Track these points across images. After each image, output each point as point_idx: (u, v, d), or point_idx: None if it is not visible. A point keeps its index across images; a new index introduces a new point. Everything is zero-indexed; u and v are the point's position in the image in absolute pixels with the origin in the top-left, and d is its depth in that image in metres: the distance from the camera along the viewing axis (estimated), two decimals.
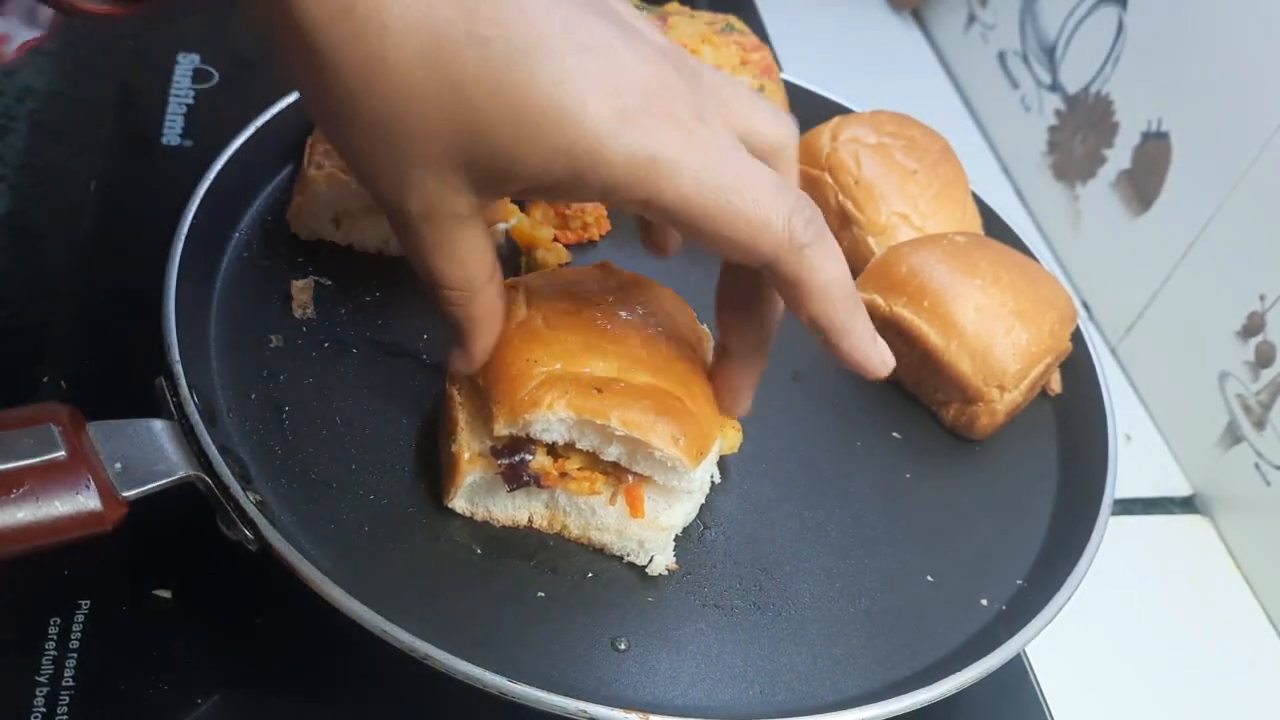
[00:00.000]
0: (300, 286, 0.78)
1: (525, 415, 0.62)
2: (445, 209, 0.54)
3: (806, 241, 0.54)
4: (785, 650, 0.67)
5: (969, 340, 0.78)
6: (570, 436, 0.63)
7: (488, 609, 0.64)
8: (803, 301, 0.56)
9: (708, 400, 0.66)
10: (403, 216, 0.54)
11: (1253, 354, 0.92)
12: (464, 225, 0.55)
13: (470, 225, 0.55)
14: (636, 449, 0.63)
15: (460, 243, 0.56)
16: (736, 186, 0.52)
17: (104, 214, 0.91)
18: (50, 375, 0.78)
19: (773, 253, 0.53)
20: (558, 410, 0.61)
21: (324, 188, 0.79)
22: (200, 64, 1.06)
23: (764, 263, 0.54)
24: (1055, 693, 0.78)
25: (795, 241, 0.53)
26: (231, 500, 0.60)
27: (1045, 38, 1.19)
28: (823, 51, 1.32)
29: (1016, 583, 0.74)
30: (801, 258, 0.54)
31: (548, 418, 0.62)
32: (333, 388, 0.73)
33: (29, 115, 0.98)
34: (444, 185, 0.52)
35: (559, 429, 0.63)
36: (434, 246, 0.56)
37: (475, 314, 0.60)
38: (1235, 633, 0.88)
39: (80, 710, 0.62)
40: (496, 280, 0.60)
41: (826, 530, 0.73)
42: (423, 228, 0.55)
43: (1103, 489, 0.76)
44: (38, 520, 0.53)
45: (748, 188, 0.52)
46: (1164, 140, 1.02)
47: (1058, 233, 1.17)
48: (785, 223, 0.53)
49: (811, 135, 0.94)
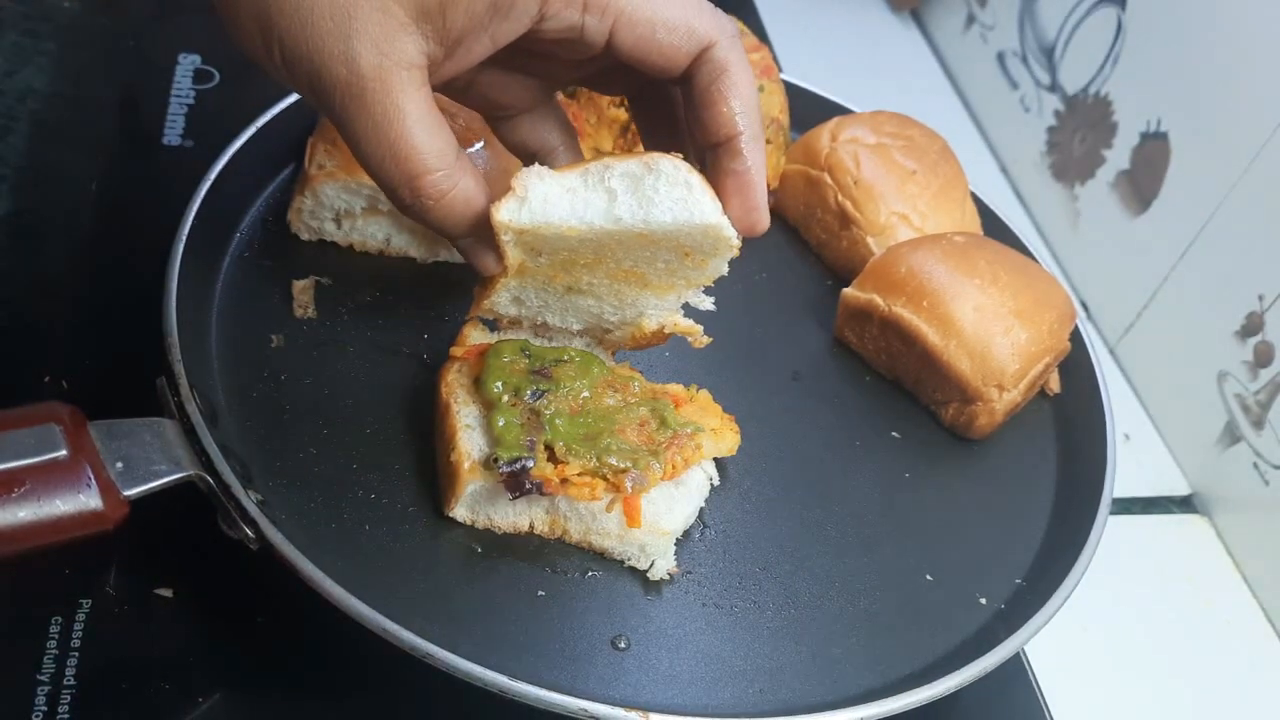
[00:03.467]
0: (301, 286, 0.79)
1: (521, 179, 0.58)
2: (397, 54, 0.52)
3: (734, 32, 0.58)
4: (785, 649, 0.67)
5: (968, 340, 0.78)
6: (573, 208, 0.59)
7: (488, 608, 0.64)
8: (728, 94, 0.58)
9: None
10: (358, 83, 0.52)
11: (1251, 354, 0.92)
12: (417, 79, 0.54)
13: (423, 81, 0.54)
14: (642, 182, 0.59)
15: (420, 99, 0.54)
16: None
17: (104, 214, 0.91)
18: (51, 375, 0.78)
19: (709, 35, 0.57)
20: (555, 171, 0.59)
21: (325, 188, 0.79)
22: (201, 64, 1.06)
23: (701, 46, 0.57)
24: (1054, 691, 0.78)
25: (727, 28, 0.57)
26: (232, 499, 0.60)
27: (1044, 38, 1.19)
28: (822, 51, 1.33)
29: (1015, 581, 0.74)
30: (734, 43, 0.58)
31: (543, 177, 0.58)
32: (333, 388, 0.73)
33: (30, 115, 0.98)
34: (390, 20, 0.52)
35: (558, 196, 0.59)
36: (398, 110, 0.53)
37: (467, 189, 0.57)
38: (1233, 631, 0.88)
39: (80, 709, 0.62)
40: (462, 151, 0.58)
41: (826, 530, 0.74)
42: (379, 89, 0.53)
43: (1101, 488, 0.76)
44: (39, 519, 0.53)
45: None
46: (1163, 140, 1.02)
47: (1056, 233, 1.17)
48: (719, 12, 0.58)
49: (811, 135, 0.94)
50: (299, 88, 0.55)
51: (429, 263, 0.84)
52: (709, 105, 0.59)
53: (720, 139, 0.59)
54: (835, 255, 0.93)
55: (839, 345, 0.87)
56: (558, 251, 0.62)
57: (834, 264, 0.93)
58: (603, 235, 0.59)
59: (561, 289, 0.68)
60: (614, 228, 0.59)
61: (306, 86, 0.54)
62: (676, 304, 0.69)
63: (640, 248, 0.62)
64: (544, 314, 0.71)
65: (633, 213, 0.58)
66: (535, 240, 0.60)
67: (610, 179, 0.58)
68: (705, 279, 0.66)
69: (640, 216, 0.58)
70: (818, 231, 0.93)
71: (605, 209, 0.58)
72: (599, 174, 0.58)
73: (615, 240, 0.60)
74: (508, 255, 0.61)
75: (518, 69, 0.63)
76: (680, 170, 0.58)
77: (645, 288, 0.67)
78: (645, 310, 0.69)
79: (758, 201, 0.60)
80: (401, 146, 0.54)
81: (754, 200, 0.60)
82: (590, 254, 0.63)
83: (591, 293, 0.68)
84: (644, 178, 0.58)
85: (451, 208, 0.57)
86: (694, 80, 0.59)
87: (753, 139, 0.59)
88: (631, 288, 0.67)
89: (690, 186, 0.58)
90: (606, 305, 0.69)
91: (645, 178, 0.58)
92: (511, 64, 0.62)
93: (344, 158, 0.79)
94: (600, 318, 0.71)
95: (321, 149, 0.80)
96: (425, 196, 0.56)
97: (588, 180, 0.59)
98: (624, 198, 0.58)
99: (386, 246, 0.83)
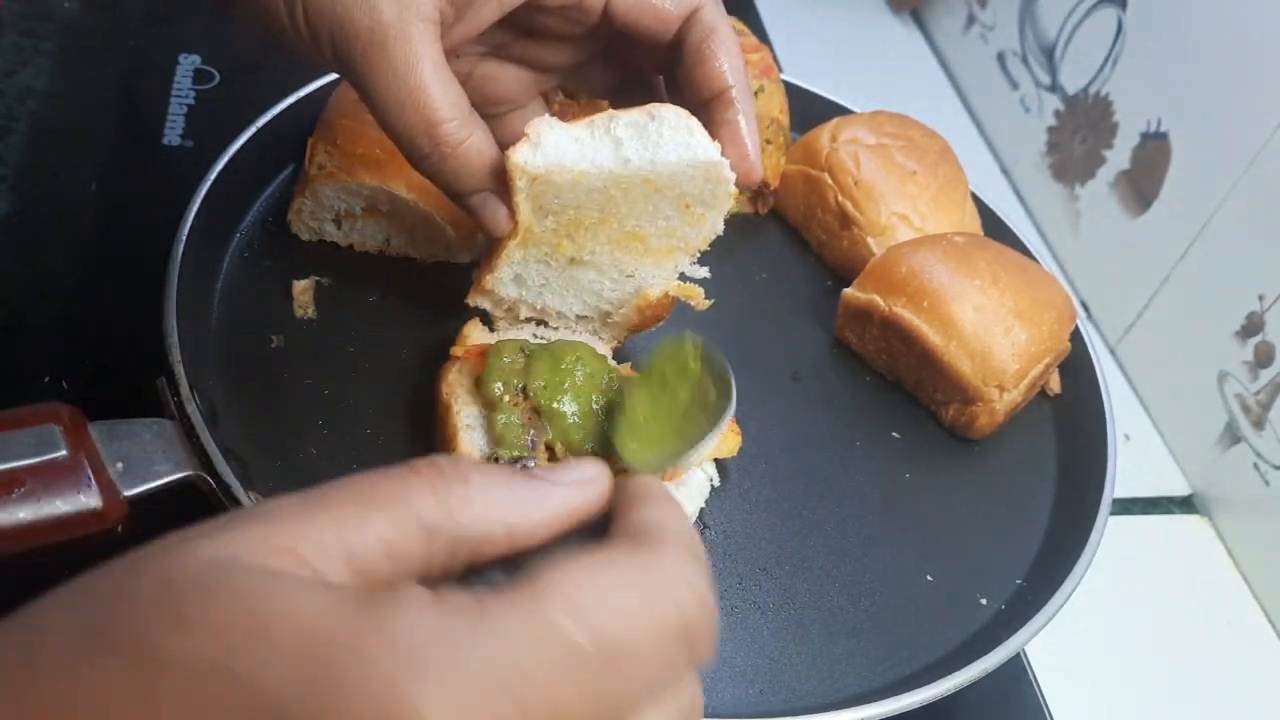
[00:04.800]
0: (301, 287, 0.79)
1: (535, 126, 0.60)
2: (415, 9, 0.55)
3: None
4: (785, 650, 0.67)
5: (968, 340, 0.78)
6: (582, 154, 0.61)
7: None
8: (719, 50, 0.62)
9: None
10: (380, 32, 0.55)
11: (1251, 354, 0.92)
12: (434, 34, 0.56)
13: (438, 37, 0.56)
14: (645, 129, 0.62)
15: (437, 52, 0.56)
16: None
17: (104, 214, 0.91)
18: (51, 375, 0.78)
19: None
20: (566, 123, 0.61)
21: (325, 188, 0.79)
22: (201, 65, 1.06)
23: (691, 8, 0.62)
24: (1054, 691, 0.78)
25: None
26: (232, 499, 0.60)
27: (1045, 38, 1.19)
28: (823, 52, 1.33)
29: (1015, 582, 0.74)
30: (717, 4, 0.63)
31: (554, 126, 0.60)
32: (333, 388, 0.73)
33: (30, 115, 0.98)
34: None
35: (568, 144, 0.61)
36: (419, 58, 0.55)
37: (481, 139, 0.59)
38: (1233, 632, 0.88)
39: None
40: (475, 112, 0.60)
41: (826, 530, 0.74)
42: (401, 38, 0.55)
43: (1101, 488, 0.76)
44: (39, 519, 0.53)
45: None
46: (1163, 140, 1.02)
47: (1057, 233, 1.17)
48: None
49: (811, 135, 0.94)
50: (319, 45, 0.57)
51: (429, 263, 0.84)
52: (702, 63, 0.63)
53: (714, 93, 0.64)
54: (835, 255, 0.93)
55: (839, 345, 0.87)
56: (565, 209, 0.64)
57: (834, 264, 0.93)
58: (610, 182, 0.63)
59: (564, 261, 0.69)
60: (623, 170, 0.62)
61: (328, 40, 0.56)
62: (674, 273, 0.71)
63: (644, 199, 0.65)
64: (545, 295, 0.72)
65: (639, 154, 0.61)
66: (546, 190, 0.62)
67: (616, 128, 0.62)
68: (702, 239, 0.69)
69: (647, 158, 0.61)
70: (818, 232, 0.94)
71: (613, 152, 0.62)
72: (604, 124, 0.62)
73: (621, 190, 0.64)
74: (519, 209, 0.63)
75: (513, 59, 0.66)
76: (681, 117, 0.62)
77: (645, 255, 0.69)
78: (645, 281, 0.71)
79: (751, 150, 0.64)
80: (421, 94, 0.56)
81: (747, 148, 0.64)
82: (596, 211, 0.65)
83: (593, 263, 0.69)
84: (648, 125, 0.61)
85: (467, 157, 0.59)
86: (685, 40, 0.63)
87: (743, 92, 0.64)
88: (632, 256, 0.69)
89: (692, 130, 0.62)
90: (607, 280, 0.71)
91: (649, 125, 0.61)
92: (507, 53, 0.66)
93: (344, 158, 0.79)
94: (600, 296, 0.72)
95: (321, 149, 0.80)
96: (443, 144, 0.58)
97: (594, 130, 0.62)
98: (630, 143, 0.62)
99: (386, 247, 0.83)
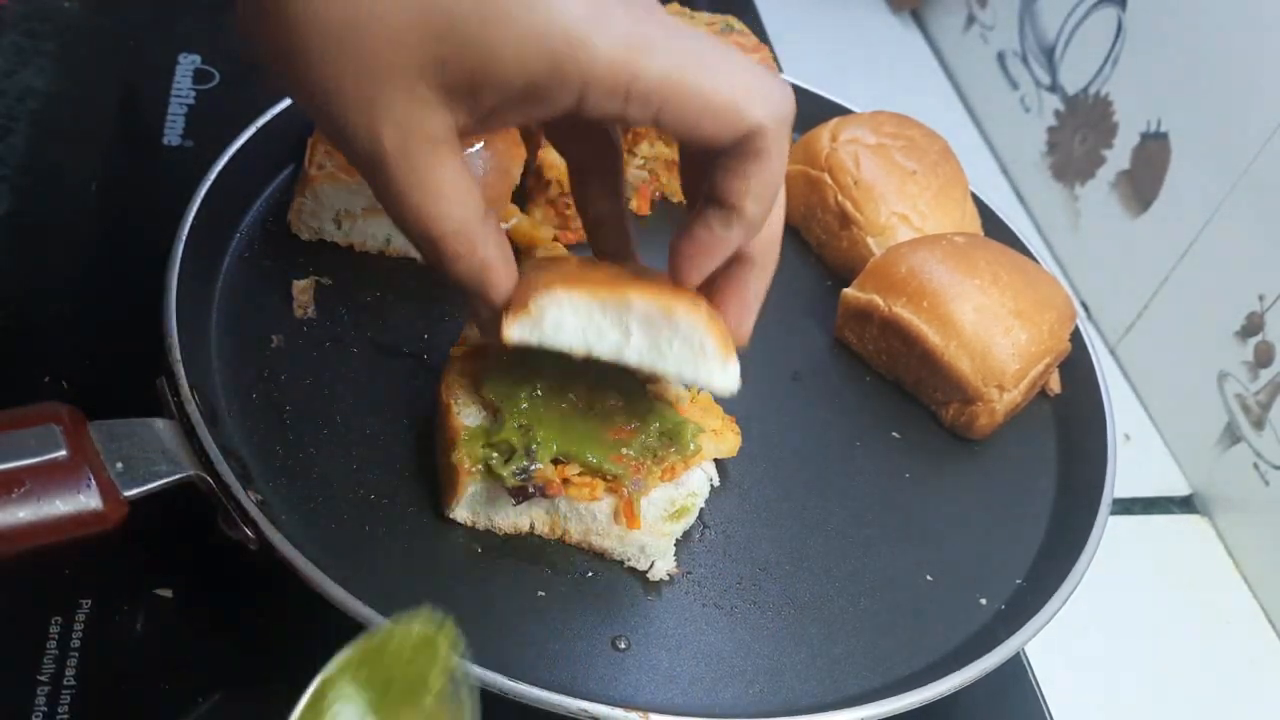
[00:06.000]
0: (301, 287, 0.79)
1: (538, 300, 0.58)
2: (422, 130, 0.51)
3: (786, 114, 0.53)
4: (785, 650, 0.67)
5: (968, 340, 0.78)
6: (585, 338, 0.60)
7: (488, 608, 0.64)
8: (765, 180, 0.54)
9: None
10: (380, 157, 0.52)
11: (1251, 354, 0.92)
12: (443, 152, 0.53)
13: (449, 152, 0.53)
14: (659, 333, 0.59)
15: (445, 171, 0.53)
16: (724, 56, 0.51)
17: (104, 214, 0.91)
18: (51, 375, 0.78)
19: (760, 122, 0.51)
20: (573, 294, 0.59)
21: (325, 188, 0.79)
22: (201, 64, 1.06)
23: (751, 128, 0.52)
24: (1054, 692, 0.78)
25: (779, 110, 0.52)
26: (232, 500, 0.60)
27: (1044, 38, 1.19)
28: (823, 52, 1.33)
29: (1015, 582, 0.74)
30: (784, 132, 0.53)
31: (560, 303, 0.58)
32: (333, 388, 0.73)
33: (30, 115, 0.98)
34: (415, 101, 0.51)
35: (572, 323, 0.59)
36: (419, 183, 0.53)
37: (487, 256, 0.57)
38: (1234, 632, 0.88)
39: (81, 709, 0.62)
40: (493, 219, 0.57)
41: (826, 530, 0.74)
42: (403, 163, 0.52)
43: (1101, 488, 0.76)
44: (39, 519, 0.53)
45: (734, 58, 0.51)
46: (1163, 140, 1.02)
47: (1057, 233, 1.17)
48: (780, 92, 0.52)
49: (811, 135, 0.94)
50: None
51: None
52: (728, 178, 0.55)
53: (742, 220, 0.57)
54: (835, 255, 0.93)
55: (839, 345, 0.87)
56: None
57: (834, 264, 0.93)
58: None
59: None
60: (615, 358, 0.60)
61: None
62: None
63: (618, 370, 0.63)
64: None
65: (641, 357, 0.59)
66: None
67: (630, 320, 0.59)
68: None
69: (648, 362, 0.59)
70: (818, 232, 0.94)
71: (616, 346, 0.59)
72: (618, 311, 0.59)
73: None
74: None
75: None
76: (697, 330, 0.58)
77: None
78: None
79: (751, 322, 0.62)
80: (423, 214, 0.54)
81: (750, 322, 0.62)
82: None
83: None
84: (662, 329, 0.59)
85: (471, 271, 0.57)
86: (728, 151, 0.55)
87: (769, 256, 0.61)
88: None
89: (705, 352, 0.59)
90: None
91: (663, 330, 0.59)
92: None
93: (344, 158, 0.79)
94: None
95: (321, 149, 0.80)
96: (446, 257, 0.56)
97: (605, 312, 0.59)
98: (637, 341, 0.59)
99: (386, 246, 0.83)
